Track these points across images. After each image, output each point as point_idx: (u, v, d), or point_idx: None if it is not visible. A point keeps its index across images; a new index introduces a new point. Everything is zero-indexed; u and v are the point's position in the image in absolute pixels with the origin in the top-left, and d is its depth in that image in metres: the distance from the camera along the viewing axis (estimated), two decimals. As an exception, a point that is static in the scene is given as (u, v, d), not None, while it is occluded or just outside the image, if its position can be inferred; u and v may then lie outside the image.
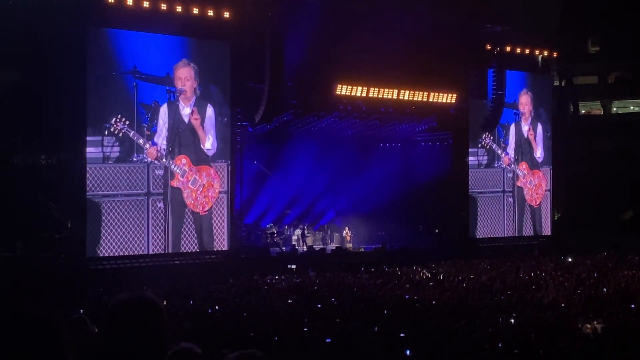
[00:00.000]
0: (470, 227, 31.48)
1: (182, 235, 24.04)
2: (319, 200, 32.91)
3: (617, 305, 15.63)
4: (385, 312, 15.13)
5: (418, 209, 32.54)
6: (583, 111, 46.87)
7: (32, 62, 22.53)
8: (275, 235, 29.61)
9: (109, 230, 22.56)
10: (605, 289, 18.32)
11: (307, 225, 31.26)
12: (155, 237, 23.42)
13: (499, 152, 32.31)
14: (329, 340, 11.80)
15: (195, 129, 24.36)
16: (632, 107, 46.79)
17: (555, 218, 34.70)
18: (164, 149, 23.66)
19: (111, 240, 22.57)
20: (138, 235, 23.10)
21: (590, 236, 31.83)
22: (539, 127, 33.67)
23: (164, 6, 23.37)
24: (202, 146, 24.57)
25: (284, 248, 28.54)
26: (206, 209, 24.65)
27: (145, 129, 23.30)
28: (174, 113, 23.88)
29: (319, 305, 15.92)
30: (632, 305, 15.52)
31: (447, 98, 29.99)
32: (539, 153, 33.59)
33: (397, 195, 32.63)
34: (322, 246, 29.95)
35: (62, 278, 19.82)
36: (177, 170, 23.95)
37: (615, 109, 47.01)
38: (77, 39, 22.16)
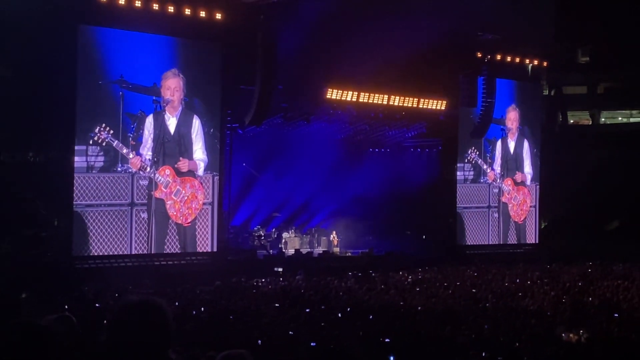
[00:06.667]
0: (458, 234, 31.55)
1: (165, 247, 23.77)
2: (307, 203, 32.88)
3: (602, 314, 15.69)
4: (371, 317, 15.14)
5: (406, 214, 32.56)
6: (572, 121, 47.12)
7: (23, 58, 22.39)
8: (263, 237, 29.58)
9: (91, 240, 22.35)
10: (590, 298, 18.39)
11: (294, 229, 31.20)
12: (138, 247, 23.14)
13: (485, 167, 32.34)
14: (314, 344, 11.80)
15: (184, 139, 24.14)
16: (620, 118, 47.12)
17: (542, 227, 34.79)
18: (149, 159, 23.37)
19: (93, 250, 22.36)
20: (121, 245, 22.83)
21: (576, 245, 31.95)
22: (525, 144, 33.63)
23: (155, 6, 23.30)
24: (194, 157, 24.34)
25: (271, 251, 28.51)
26: (189, 220, 24.36)
27: (130, 139, 23.01)
28: (160, 123, 23.58)
29: (307, 310, 15.91)
30: (616, 315, 15.58)
31: (437, 105, 30.06)
32: (527, 168, 33.58)
33: (385, 200, 32.68)
34: (309, 250, 29.92)
35: (48, 276, 19.71)
36: (161, 181, 23.77)
37: (603, 119, 47.32)
38: (67, 37, 22.04)
